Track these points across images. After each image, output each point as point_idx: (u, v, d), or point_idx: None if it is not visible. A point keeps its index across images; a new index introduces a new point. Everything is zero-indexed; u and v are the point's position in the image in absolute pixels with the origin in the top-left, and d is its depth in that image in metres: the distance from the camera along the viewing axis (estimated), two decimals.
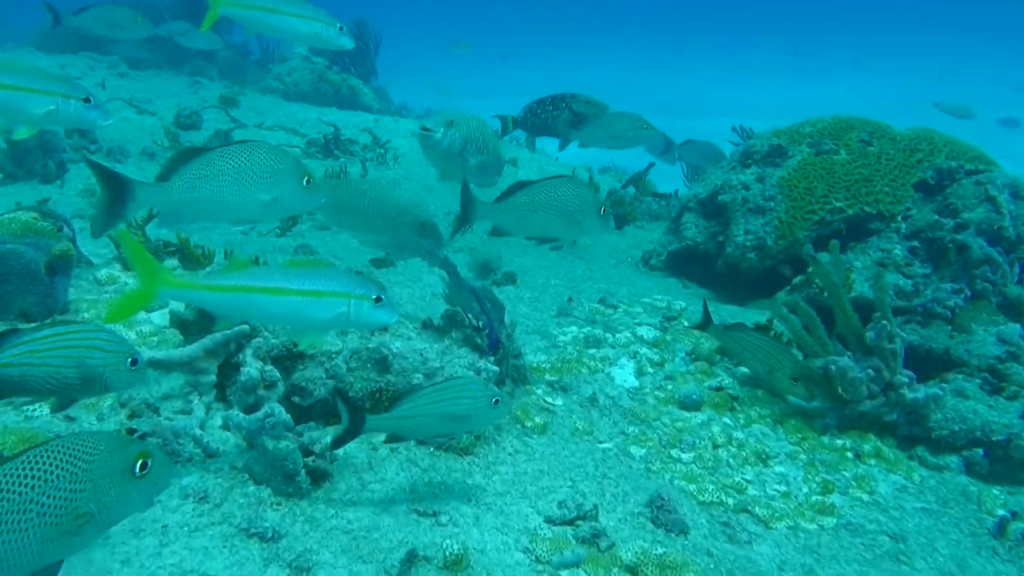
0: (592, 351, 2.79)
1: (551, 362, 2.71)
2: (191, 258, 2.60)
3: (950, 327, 2.85)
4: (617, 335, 2.96)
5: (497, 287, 3.61)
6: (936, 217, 3.49)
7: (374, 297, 1.68)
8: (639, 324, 3.11)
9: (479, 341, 2.24)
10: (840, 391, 2.35)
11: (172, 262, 2.93)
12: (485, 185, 3.39)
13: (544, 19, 28.58)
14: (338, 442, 1.70)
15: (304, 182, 1.92)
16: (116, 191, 1.73)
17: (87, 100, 2.21)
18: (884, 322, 2.30)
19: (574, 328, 3.03)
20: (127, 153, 6.03)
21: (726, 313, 3.48)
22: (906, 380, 2.32)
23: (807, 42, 23.12)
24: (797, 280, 3.56)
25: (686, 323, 3.12)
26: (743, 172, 3.96)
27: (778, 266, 3.63)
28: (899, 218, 3.57)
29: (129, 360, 1.45)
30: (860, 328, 2.36)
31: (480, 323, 2.26)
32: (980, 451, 2.27)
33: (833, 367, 2.30)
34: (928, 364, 2.76)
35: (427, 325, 2.35)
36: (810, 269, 3.33)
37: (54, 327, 1.42)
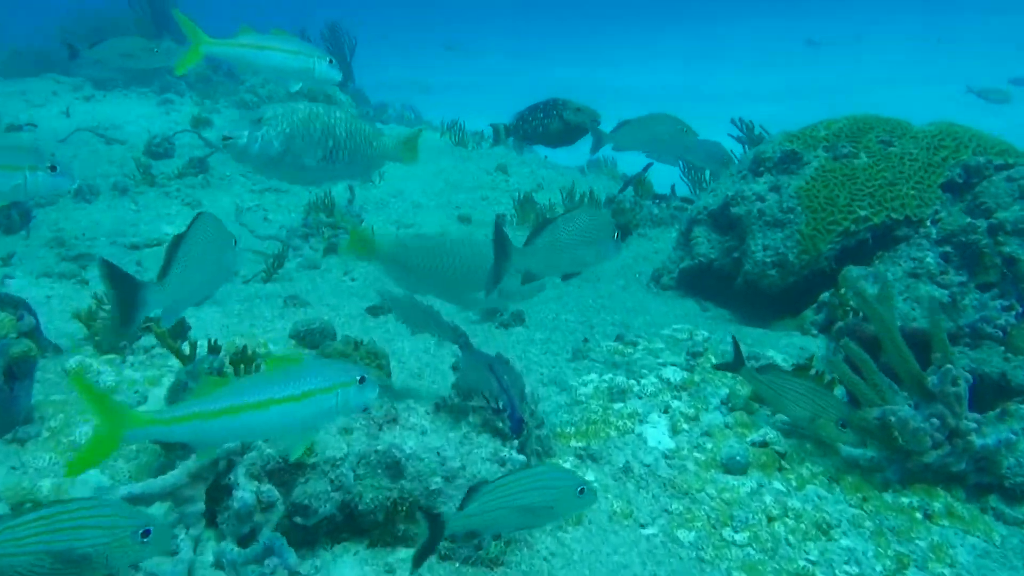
0: (618, 406, 2.55)
1: (575, 423, 2.47)
2: (171, 351, 2.33)
3: (1003, 348, 2.62)
4: (642, 381, 2.72)
5: (505, 329, 3.36)
6: (968, 219, 3.26)
7: (358, 378, 1.53)
8: (663, 364, 2.86)
9: (500, 425, 1.99)
10: (901, 442, 2.12)
11: (149, 339, 2.66)
12: (358, 179, 3.04)
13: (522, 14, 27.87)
14: (420, 559, 1.55)
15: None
16: (128, 296, 1.64)
17: (52, 168, 2.14)
18: (948, 366, 2.06)
19: (594, 376, 2.78)
20: (97, 191, 5.73)
21: (751, 338, 3.24)
22: (974, 426, 2.08)
23: (809, 21, 22.11)
24: (824, 296, 3.33)
25: (713, 359, 2.88)
26: (755, 181, 3.71)
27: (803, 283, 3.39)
28: (928, 222, 3.33)
29: (140, 533, 1.32)
30: (919, 372, 2.12)
31: (500, 403, 2.01)
32: None
33: (893, 418, 2.06)
34: (982, 390, 2.52)
35: (440, 407, 2.10)
36: (843, 290, 3.09)
37: (38, 510, 1.30)
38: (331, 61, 3.21)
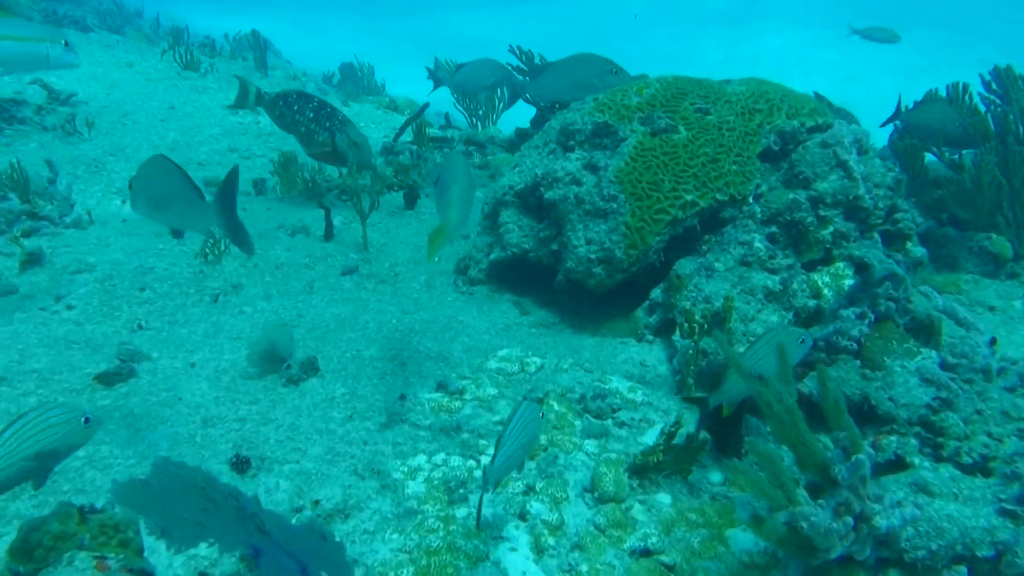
0: (462, 513, 2.02)
1: (411, 553, 1.91)
2: None
3: (859, 362, 2.43)
4: (483, 459, 2.21)
5: (295, 386, 2.65)
6: (791, 195, 3.03)
7: None
8: (501, 424, 2.37)
9: None
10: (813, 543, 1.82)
11: None
12: None
13: None
14: None
15: None
16: None
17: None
18: (859, 457, 1.76)
19: (422, 458, 2.22)
20: None
21: (586, 356, 2.83)
22: (879, 507, 1.83)
23: None
24: (656, 295, 2.99)
25: (556, 405, 2.43)
26: (567, 158, 3.21)
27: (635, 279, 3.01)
28: (751, 199, 3.06)
29: (83, 419, 1.69)
30: (826, 460, 1.81)
31: None
32: (964, 570, 1.89)
33: (805, 524, 1.74)
34: None
35: None
36: (685, 303, 2.74)
37: (10, 427, 1.59)
38: (67, 43, 2.98)
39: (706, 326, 2.55)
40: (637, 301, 3.06)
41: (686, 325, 2.53)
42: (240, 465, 2.28)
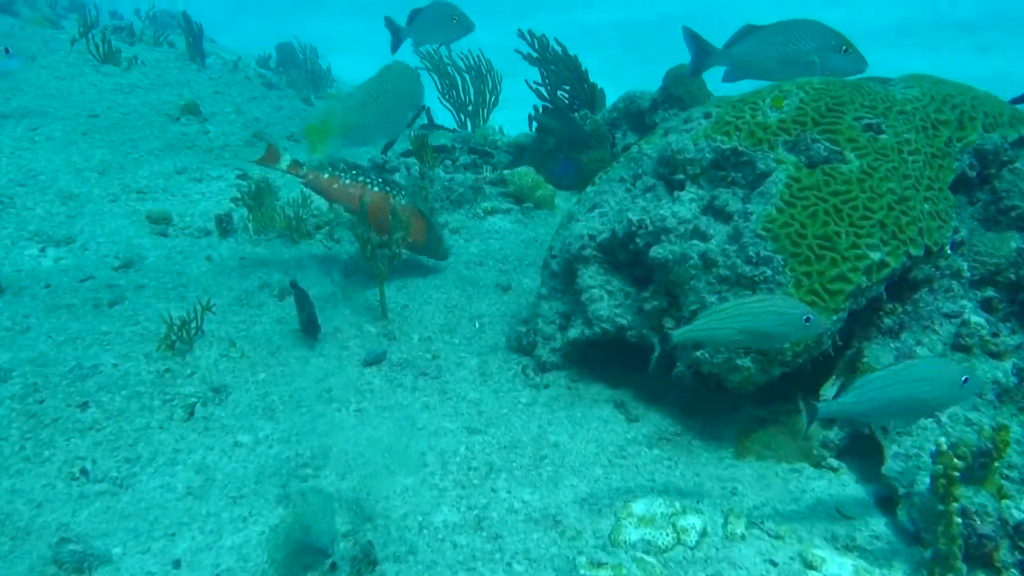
0: None
1: None
2: None
3: None
4: None
5: None
6: (1014, 244, 2.19)
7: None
8: None
9: None
10: None
11: None
12: None
13: None
14: None
15: None
16: None
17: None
18: None
19: None
20: None
21: (750, 500, 1.96)
22: None
23: None
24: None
25: None
26: (675, 199, 2.30)
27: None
28: (947, 248, 2.21)
29: (804, 318, 1.72)
30: None
31: None
32: None
33: None
34: None
35: None
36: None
37: (736, 301, 1.78)
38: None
39: (958, 474, 1.71)
40: (793, 395, 2.20)
41: (943, 479, 1.68)
42: None
